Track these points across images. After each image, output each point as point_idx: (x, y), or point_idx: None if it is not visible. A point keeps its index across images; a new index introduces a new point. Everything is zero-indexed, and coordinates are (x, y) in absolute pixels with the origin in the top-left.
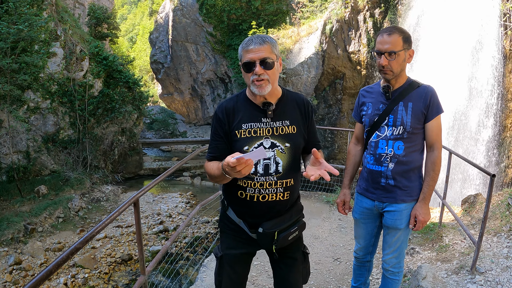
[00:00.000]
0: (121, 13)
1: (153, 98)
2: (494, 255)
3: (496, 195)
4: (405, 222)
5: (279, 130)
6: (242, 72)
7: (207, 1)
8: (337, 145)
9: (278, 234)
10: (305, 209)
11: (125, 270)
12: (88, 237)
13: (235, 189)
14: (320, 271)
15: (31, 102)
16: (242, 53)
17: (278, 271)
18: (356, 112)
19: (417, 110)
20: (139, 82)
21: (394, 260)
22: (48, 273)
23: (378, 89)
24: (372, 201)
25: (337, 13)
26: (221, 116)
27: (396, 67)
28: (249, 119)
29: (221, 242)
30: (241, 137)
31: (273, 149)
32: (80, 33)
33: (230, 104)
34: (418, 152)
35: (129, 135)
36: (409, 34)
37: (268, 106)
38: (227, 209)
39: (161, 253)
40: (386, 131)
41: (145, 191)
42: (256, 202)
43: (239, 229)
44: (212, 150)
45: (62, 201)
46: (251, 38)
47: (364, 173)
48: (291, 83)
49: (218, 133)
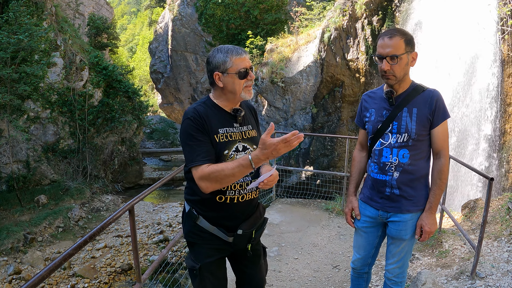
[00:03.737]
0: (121, 23)
1: (153, 107)
2: (494, 260)
3: (497, 199)
4: (410, 233)
5: (247, 134)
6: (228, 80)
7: (206, 10)
8: (337, 153)
9: (255, 232)
10: (304, 216)
11: (125, 280)
12: (82, 243)
13: (213, 195)
14: (319, 279)
15: (31, 111)
16: (232, 60)
17: (243, 269)
18: (359, 118)
19: (422, 116)
20: (138, 91)
21: (398, 270)
22: (40, 279)
23: (381, 94)
24: (376, 210)
25: (335, 21)
26: (200, 120)
27: (398, 72)
28: (223, 124)
29: (195, 254)
30: (220, 141)
31: (245, 151)
32: (80, 43)
33: (202, 109)
34: (424, 160)
35: (129, 144)
36: (411, 36)
37: (239, 112)
38: (198, 220)
39: (157, 262)
40: (390, 139)
41: (140, 198)
42: (236, 204)
43: (212, 237)
44: (204, 154)
45: (62, 211)
46: (237, 47)
47: (368, 181)
48: (290, 91)
49: (201, 134)
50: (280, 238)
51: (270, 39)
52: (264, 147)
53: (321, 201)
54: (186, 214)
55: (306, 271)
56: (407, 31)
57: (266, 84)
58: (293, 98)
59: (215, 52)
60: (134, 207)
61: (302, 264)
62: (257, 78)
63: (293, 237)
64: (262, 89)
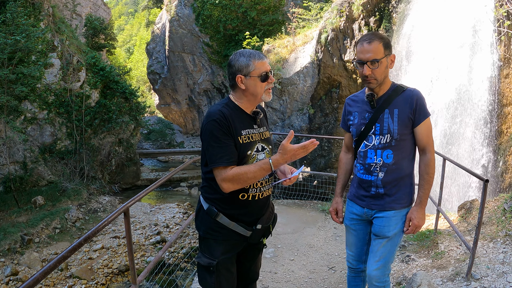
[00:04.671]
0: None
1: (150, 108)
2: (490, 261)
3: (493, 200)
4: (393, 230)
5: (264, 135)
6: (250, 82)
7: (204, 11)
8: (334, 154)
9: (272, 226)
10: (300, 218)
11: (122, 281)
12: (76, 245)
13: (235, 193)
14: (315, 280)
15: (28, 112)
16: (255, 64)
17: (243, 261)
18: (344, 122)
19: (403, 116)
20: (136, 92)
21: (378, 273)
22: (35, 281)
23: (363, 97)
24: (362, 208)
25: (332, 22)
26: (225, 121)
27: (379, 75)
28: (245, 126)
29: (212, 251)
30: (243, 143)
31: (263, 151)
32: (77, 44)
33: (226, 112)
34: (408, 159)
35: (126, 145)
36: (388, 39)
37: (258, 114)
38: (218, 217)
39: (153, 263)
40: (374, 140)
41: (135, 200)
42: (257, 201)
43: (230, 232)
44: (229, 156)
45: (59, 212)
46: (258, 51)
47: (355, 181)
48: (287, 92)
49: (226, 137)
50: (276, 240)
51: (267, 40)
52: (285, 153)
53: (317, 202)
54: (203, 212)
55: (302, 272)
56: (384, 35)
57: None
58: (290, 99)
59: (238, 56)
60: (129, 209)
61: (298, 265)
62: None
63: (289, 239)
64: None
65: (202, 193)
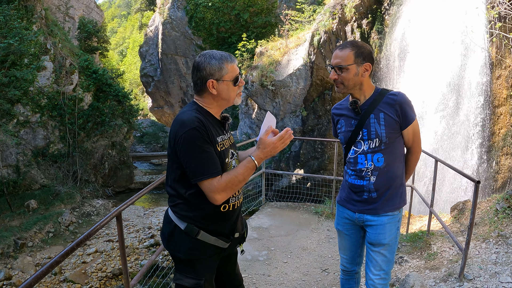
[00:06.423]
0: (111, 26)
1: (143, 111)
2: (482, 262)
3: (485, 201)
4: (389, 237)
5: (231, 140)
6: (223, 87)
7: (196, 14)
8: (327, 156)
9: (246, 232)
10: (293, 220)
11: (116, 284)
12: (69, 250)
13: (218, 206)
14: (308, 282)
15: (21, 116)
16: (228, 67)
17: (224, 268)
18: (334, 131)
19: (389, 119)
20: (129, 95)
21: (382, 282)
22: (28, 286)
23: (347, 105)
24: (353, 212)
25: (324, 24)
26: (204, 129)
27: (346, 81)
28: (218, 132)
29: (198, 270)
30: (220, 150)
31: (233, 158)
32: (70, 47)
33: (202, 118)
34: (399, 160)
35: (119, 148)
36: (365, 49)
37: (227, 119)
38: (198, 234)
39: (146, 266)
40: (363, 146)
41: (128, 205)
42: (234, 210)
43: (211, 247)
44: (216, 165)
45: (53, 216)
46: (227, 53)
47: (345, 186)
48: (280, 94)
49: (208, 145)
50: (270, 242)
51: (260, 42)
52: (264, 147)
53: (311, 205)
54: (179, 232)
55: (295, 274)
56: (363, 44)
57: (256, 87)
58: (283, 101)
59: (208, 58)
60: (121, 213)
61: (292, 267)
62: (247, 81)
63: (282, 241)
64: (252, 93)
65: (176, 211)
